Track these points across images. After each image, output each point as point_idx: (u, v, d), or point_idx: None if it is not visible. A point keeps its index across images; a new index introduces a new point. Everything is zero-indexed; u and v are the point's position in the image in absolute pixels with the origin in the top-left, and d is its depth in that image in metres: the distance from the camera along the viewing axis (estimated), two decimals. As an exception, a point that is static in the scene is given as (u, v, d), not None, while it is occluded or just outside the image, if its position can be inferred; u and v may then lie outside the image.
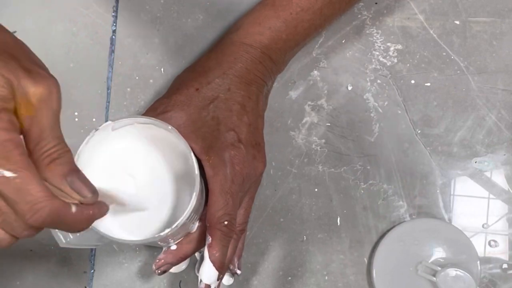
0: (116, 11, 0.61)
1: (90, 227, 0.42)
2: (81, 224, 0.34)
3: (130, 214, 0.44)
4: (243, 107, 0.50)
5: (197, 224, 0.48)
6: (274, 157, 0.58)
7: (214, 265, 0.46)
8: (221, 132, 0.48)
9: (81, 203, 0.33)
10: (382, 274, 0.56)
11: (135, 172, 0.44)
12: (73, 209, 0.32)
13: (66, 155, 0.33)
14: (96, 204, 0.34)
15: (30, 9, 0.61)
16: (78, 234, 0.43)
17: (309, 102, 0.59)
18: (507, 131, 0.58)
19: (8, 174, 0.29)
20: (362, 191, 0.58)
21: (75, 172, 0.33)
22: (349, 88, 0.59)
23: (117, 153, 0.45)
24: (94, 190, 0.34)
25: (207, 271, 0.46)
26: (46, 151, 0.32)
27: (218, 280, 0.47)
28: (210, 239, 0.46)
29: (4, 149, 0.29)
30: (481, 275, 0.55)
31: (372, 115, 0.59)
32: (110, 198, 0.41)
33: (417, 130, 0.58)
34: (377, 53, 0.59)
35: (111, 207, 0.44)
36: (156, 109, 0.48)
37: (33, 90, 0.31)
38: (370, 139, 0.59)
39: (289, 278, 0.58)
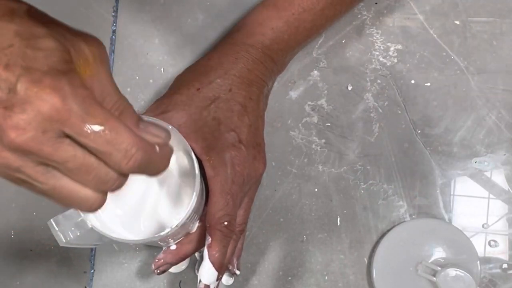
0: (116, 11, 0.61)
1: (90, 226, 0.42)
2: (164, 162, 0.34)
3: (130, 213, 0.44)
4: (244, 108, 0.50)
5: (197, 224, 0.48)
6: (274, 157, 0.58)
7: (213, 265, 0.46)
8: (222, 132, 0.48)
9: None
10: (382, 274, 0.56)
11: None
12: (157, 148, 0.33)
13: (130, 107, 0.33)
14: (168, 137, 0.35)
15: (30, 9, 0.61)
16: (77, 233, 0.43)
17: (309, 102, 0.59)
18: (507, 131, 0.58)
19: (97, 128, 0.30)
20: (362, 191, 0.58)
21: (143, 119, 0.33)
22: (349, 88, 0.59)
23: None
24: (166, 129, 0.34)
25: (207, 271, 0.46)
26: (113, 106, 0.32)
27: (217, 280, 0.47)
28: (210, 239, 0.46)
29: (86, 106, 0.29)
30: (481, 275, 0.55)
31: (372, 115, 0.59)
32: (110, 198, 0.41)
33: (417, 130, 0.58)
34: (377, 53, 0.59)
35: (111, 206, 0.44)
36: (157, 109, 0.48)
37: (88, 50, 0.32)
38: (370, 139, 0.59)
39: (289, 278, 0.58)
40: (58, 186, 0.31)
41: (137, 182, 0.45)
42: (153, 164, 0.33)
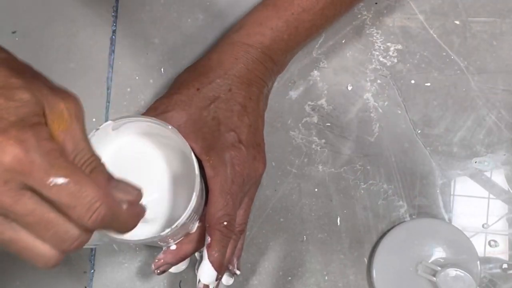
0: (116, 11, 0.61)
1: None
2: (132, 221, 0.34)
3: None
4: (244, 108, 0.50)
5: (197, 224, 0.48)
6: (274, 157, 0.58)
7: (213, 265, 0.46)
8: (222, 132, 0.48)
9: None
10: (382, 274, 0.56)
11: (135, 172, 0.44)
12: (124, 206, 0.33)
13: (102, 164, 0.33)
14: (139, 204, 0.35)
15: (30, 9, 0.61)
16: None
17: (309, 102, 0.59)
18: (507, 131, 0.58)
19: (60, 181, 0.29)
20: (362, 191, 0.58)
21: (114, 178, 0.33)
22: (349, 88, 0.59)
23: (117, 152, 0.45)
24: (138, 189, 0.34)
25: (206, 271, 0.46)
26: (85, 162, 0.32)
27: (216, 280, 0.47)
28: (209, 239, 0.46)
29: (51, 158, 0.29)
30: (481, 275, 0.55)
31: (372, 115, 0.59)
32: None
33: (417, 130, 0.58)
34: (377, 53, 0.59)
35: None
36: (157, 109, 0.48)
37: (63, 105, 0.32)
38: (370, 139, 0.59)
39: (289, 278, 0.58)
40: (15, 238, 0.31)
41: (136, 182, 0.44)
42: (119, 222, 0.33)
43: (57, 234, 0.31)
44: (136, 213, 0.34)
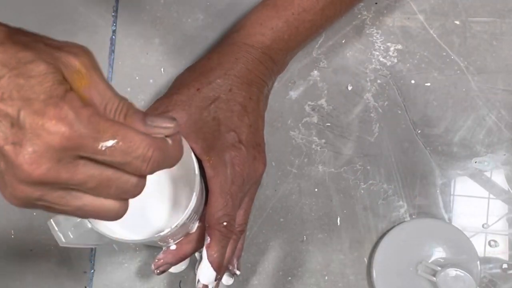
0: (116, 11, 0.61)
1: (90, 226, 0.42)
2: (179, 151, 0.34)
3: (130, 213, 0.44)
4: (244, 108, 0.50)
5: (197, 224, 0.48)
6: (274, 157, 0.58)
7: (212, 266, 0.46)
8: (222, 132, 0.48)
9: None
10: (382, 274, 0.56)
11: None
12: (170, 141, 0.33)
13: (132, 106, 0.33)
14: (176, 126, 0.35)
15: (30, 9, 0.61)
16: (77, 233, 0.43)
17: (309, 102, 0.59)
18: (507, 131, 0.58)
19: (110, 143, 0.30)
20: (362, 191, 0.58)
21: (149, 114, 0.34)
22: (349, 88, 0.59)
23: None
24: (173, 118, 0.34)
25: (205, 271, 0.46)
26: (116, 110, 0.32)
27: (216, 280, 0.47)
28: (209, 239, 0.46)
29: (93, 124, 0.30)
30: (481, 275, 0.55)
31: (372, 115, 0.59)
32: None
33: (417, 130, 0.58)
34: (377, 53, 0.59)
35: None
36: (157, 109, 0.48)
37: (77, 62, 0.31)
38: (370, 139, 0.59)
39: (289, 278, 0.58)
40: (81, 205, 0.32)
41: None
42: (170, 157, 0.34)
43: (119, 187, 0.32)
44: (179, 142, 0.35)
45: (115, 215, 0.33)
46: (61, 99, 0.29)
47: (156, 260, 0.48)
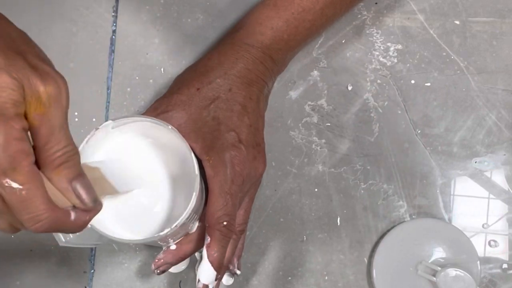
0: (116, 11, 0.61)
1: (90, 226, 0.42)
2: (78, 228, 0.35)
3: (130, 213, 0.44)
4: (244, 108, 0.50)
5: (197, 224, 0.48)
6: (274, 157, 0.58)
7: (212, 265, 0.46)
8: (222, 132, 0.48)
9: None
10: (382, 274, 0.56)
11: (135, 171, 0.44)
12: (72, 216, 0.33)
13: (74, 158, 0.33)
14: (92, 207, 0.35)
15: (30, 8, 0.61)
16: (77, 233, 0.43)
17: (309, 102, 0.59)
18: (507, 131, 0.58)
19: (15, 185, 0.30)
20: (362, 191, 0.58)
21: (80, 177, 0.33)
22: (349, 88, 0.59)
23: (117, 152, 0.45)
24: (95, 199, 0.34)
25: (205, 271, 0.46)
26: (55, 152, 0.32)
27: (216, 280, 0.47)
28: (209, 239, 0.46)
29: (14, 160, 0.30)
30: (481, 275, 0.55)
31: (372, 115, 0.59)
32: (109, 198, 0.41)
33: (417, 130, 0.58)
34: (377, 53, 0.59)
35: (111, 206, 0.44)
36: (157, 109, 0.48)
37: (43, 88, 0.31)
38: (370, 139, 0.59)
39: (289, 278, 0.58)
40: None
41: (136, 182, 0.45)
42: (63, 229, 0.34)
43: (7, 220, 0.32)
44: (84, 220, 0.35)
45: (4, 232, 0.34)
46: (4, 120, 0.29)
47: (156, 260, 0.48)
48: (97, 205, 0.34)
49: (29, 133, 0.31)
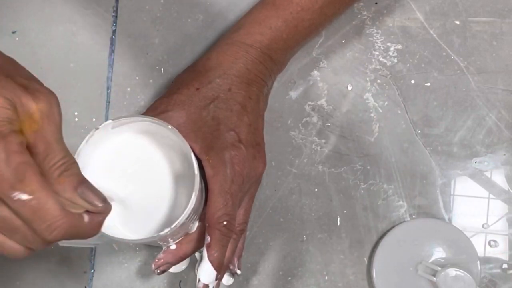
0: (116, 11, 0.61)
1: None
2: (94, 230, 0.35)
3: (130, 213, 0.44)
4: (243, 107, 0.50)
5: (196, 224, 0.48)
6: (274, 157, 0.58)
7: (212, 265, 0.46)
8: (221, 132, 0.48)
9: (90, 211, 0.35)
10: (382, 274, 0.56)
11: (135, 171, 0.44)
12: (86, 219, 0.34)
13: (73, 166, 0.33)
14: (103, 208, 0.35)
15: (30, 9, 0.61)
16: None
17: (309, 102, 0.59)
18: (507, 131, 0.58)
19: (24, 197, 0.30)
20: (362, 191, 0.58)
21: (84, 182, 0.34)
22: (349, 88, 0.59)
23: (117, 152, 0.45)
24: (104, 199, 0.35)
25: (206, 271, 0.46)
26: (55, 164, 0.32)
27: (216, 280, 0.47)
28: (209, 239, 0.46)
29: (18, 172, 0.30)
30: (481, 275, 0.55)
31: (372, 115, 0.59)
32: (110, 197, 0.41)
33: (417, 130, 0.58)
34: (377, 53, 0.59)
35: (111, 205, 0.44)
36: (157, 109, 0.48)
37: (35, 106, 0.32)
38: (370, 139, 0.59)
39: (289, 278, 0.58)
40: None
41: (136, 182, 0.45)
42: (80, 234, 0.34)
43: (24, 237, 0.32)
44: (98, 222, 0.35)
45: (15, 256, 0.34)
46: (1, 137, 0.30)
47: (156, 260, 0.48)
48: (107, 205, 0.35)
49: None
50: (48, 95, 0.33)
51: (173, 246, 0.48)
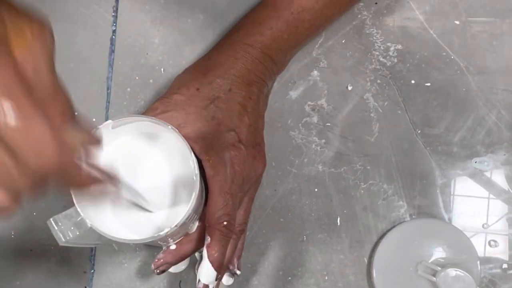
0: (116, 11, 0.61)
1: (90, 225, 0.42)
2: (87, 180, 0.31)
3: (130, 213, 0.44)
4: (243, 108, 0.50)
5: (196, 224, 0.48)
6: (274, 157, 0.58)
7: (212, 265, 0.46)
8: (222, 132, 0.48)
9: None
10: (382, 274, 0.56)
11: (135, 171, 0.44)
12: (84, 166, 0.30)
13: (61, 95, 0.30)
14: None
15: (30, 9, 0.61)
16: (77, 233, 0.43)
17: (309, 102, 0.59)
18: (507, 131, 0.58)
19: (11, 118, 0.26)
20: (362, 191, 0.58)
21: (74, 115, 0.30)
22: (349, 88, 0.59)
23: (117, 152, 0.45)
24: (96, 137, 0.31)
25: (206, 271, 0.46)
26: (41, 86, 0.29)
27: (216, 280, 0.47)
28: (209, 239, 0.46)
29: (8, 90, 0.26)
30: (481, 275, 0.55)
31: (372, 115, 0.59)
32: (110, 196, 0.41)
33: (417, 130, 0.58)
34: (377, 53, 0.59)
35: (110, 206, 0.44)
36: (157, 109, 0.48)
37: (28, 30, 0.29)
38: (370, 139, 0.59)
39: (289, 278, 0.58)
40: None
41: (136, 182, 0.45)
42: (71, 177, 0.30)
43: (7, 176, 0.27)
44: (95, 178, 0.31)
45: (4, 210, 0.28)
46: None
47: (156, 260, 0.48)
48: (99, 138, 0.31)
49: None
50: (42, 22, 0.30)
51: (173, 246, 0.48)
